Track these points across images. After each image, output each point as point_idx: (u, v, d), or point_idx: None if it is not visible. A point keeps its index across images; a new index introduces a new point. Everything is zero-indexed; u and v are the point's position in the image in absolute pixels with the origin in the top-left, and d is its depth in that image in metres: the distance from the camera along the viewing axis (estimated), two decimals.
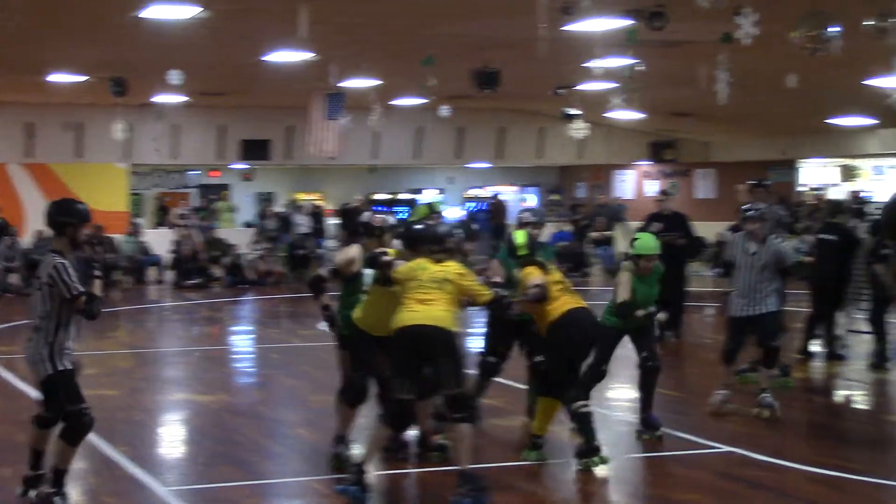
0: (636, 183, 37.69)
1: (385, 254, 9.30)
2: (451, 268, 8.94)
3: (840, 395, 13.97)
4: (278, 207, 33.25)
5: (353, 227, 10.86)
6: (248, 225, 32.55)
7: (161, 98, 24.09)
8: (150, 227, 31.34)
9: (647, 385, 10.66)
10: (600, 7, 13.23)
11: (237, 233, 31.17)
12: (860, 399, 13.77)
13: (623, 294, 10.35)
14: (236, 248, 28.31)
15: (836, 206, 18.05)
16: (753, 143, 33.28)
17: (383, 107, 23.60)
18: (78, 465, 10.02)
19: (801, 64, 16.00)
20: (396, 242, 10.00)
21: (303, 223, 30.80)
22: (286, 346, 17.66)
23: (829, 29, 13.59)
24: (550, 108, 27.77)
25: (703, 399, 11.80)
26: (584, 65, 18.40)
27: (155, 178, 35.98)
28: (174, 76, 17.58)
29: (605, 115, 25.73)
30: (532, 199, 39.40)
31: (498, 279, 9.41)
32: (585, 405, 9.54)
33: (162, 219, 33.11)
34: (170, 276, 27.85)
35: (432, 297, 8.74)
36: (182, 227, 29.24)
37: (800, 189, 34.01)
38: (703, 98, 16.97)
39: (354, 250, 9.81)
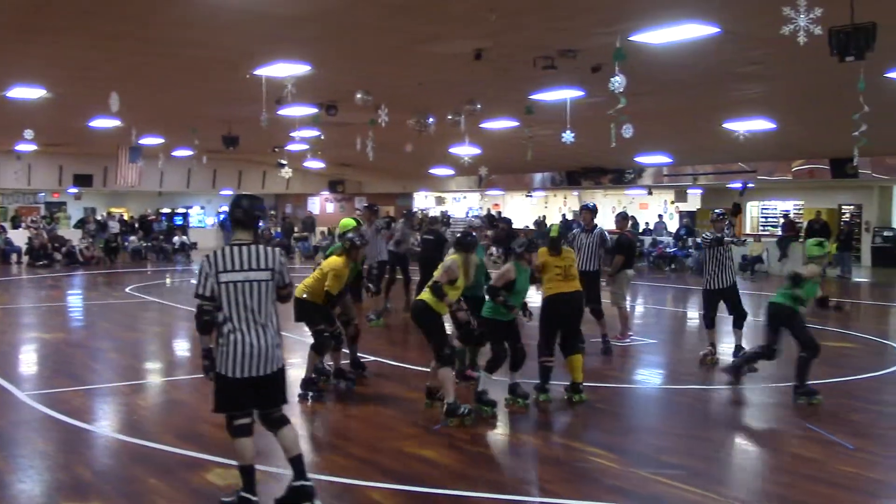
0: (321, 205, 38.10)
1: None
2: (327, 262, 8.47)
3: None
4: (98, 216, 31.53)
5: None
6: (77, 226, 30.62)
7: (20, 146, 22.71)
8: (11, 228, 29.03)
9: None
10: (298, 99, 13.19)
11: (71, 232, 29.27)
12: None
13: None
14: (70, 241, 26.71)
15: (433, 219, 18.52)
16: (388, 182, 33.84)
17: (166, 155, 22.94)
18: None
19: (413, 138, 16.42)
20: None
21: (114, 226, 29.63)
22: (103, 302, 16.71)
23: (429, 119, 14.00)
24: (270, 160, 27.46)
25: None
26: (290, 134, 18.28)
27: (16, 197, 33.53)
28: (28, 133, 16.52)
29: (302, 164, 25.57)
30: None
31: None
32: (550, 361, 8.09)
33: (18, 223, 30.83)
34: (26, 259, 25.98)
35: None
36: (33, 228, 27.79)
37: (414, 209, 34.85)
38: (359, 156, 17.14)
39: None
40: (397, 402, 8.18)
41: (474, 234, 8.22)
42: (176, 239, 29.87)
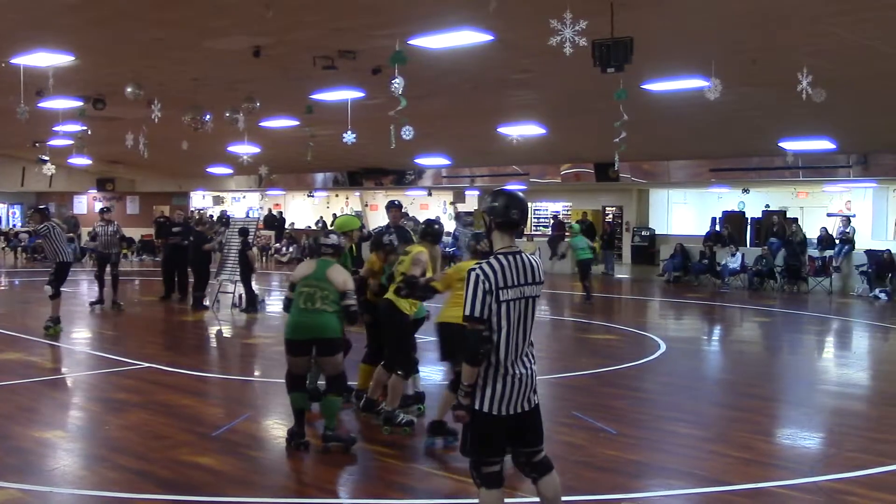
0: (88, 204, 35.92)
1: None
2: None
3: (216, 328, 13.87)
4: None
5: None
6: None
7: None
8: None
9: None
10: (63, 91, 12.42)
11: None
12: (231, 330, 13.74)
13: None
14: None
15: (220, 219, 18.02)
16: (163, 181, 32.47)
17: None
18: None
19: (189, 135, 15.83)
20: None
21: None
22: None
23: (205, 115, 13.55)
24: (30, 155, 25.56)
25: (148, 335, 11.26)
26: (53, 128, 17.11)
27: None
28: None
29: (67, 160, 23.96)
30: (18, 212, 36.51)
31: None
32: None
33: None
34: None
35: None
36: None
37: (192, 209, 33.68)
38: (131, 152, 16.30)
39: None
40: (171, 409, 7.84)
41: (441, 223, 7.95)
42: None
